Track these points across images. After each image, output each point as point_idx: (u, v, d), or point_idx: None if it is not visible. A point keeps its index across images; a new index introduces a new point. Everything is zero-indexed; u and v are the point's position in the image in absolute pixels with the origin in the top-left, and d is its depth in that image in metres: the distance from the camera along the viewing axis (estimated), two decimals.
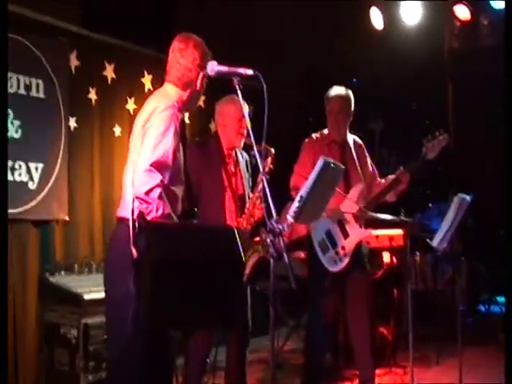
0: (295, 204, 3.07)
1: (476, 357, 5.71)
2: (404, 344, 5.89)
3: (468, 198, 4.47)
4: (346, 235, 4.50)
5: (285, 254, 2.87)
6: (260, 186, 4.05)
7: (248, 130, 4.17)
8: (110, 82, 5.95)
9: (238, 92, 3.08)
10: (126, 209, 2.96)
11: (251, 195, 4.12)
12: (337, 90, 4.67)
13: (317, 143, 4.67)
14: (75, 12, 5.82)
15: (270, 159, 4.10)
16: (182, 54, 3.21)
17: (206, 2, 6.75)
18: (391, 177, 4.56)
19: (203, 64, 3.20)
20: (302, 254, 5.41)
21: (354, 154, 4.71)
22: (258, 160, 3.03)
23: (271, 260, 2.89)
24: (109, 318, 3.08)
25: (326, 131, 4.73)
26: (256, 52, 6.16)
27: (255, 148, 3.18)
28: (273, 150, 4.06)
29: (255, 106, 6.91)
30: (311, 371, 4.56)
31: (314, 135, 4.75)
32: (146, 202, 2.82)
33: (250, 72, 3.07)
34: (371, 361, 4.58)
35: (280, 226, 2.88)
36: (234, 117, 4.19)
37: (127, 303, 2.81)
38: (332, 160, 3.16)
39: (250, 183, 4.32)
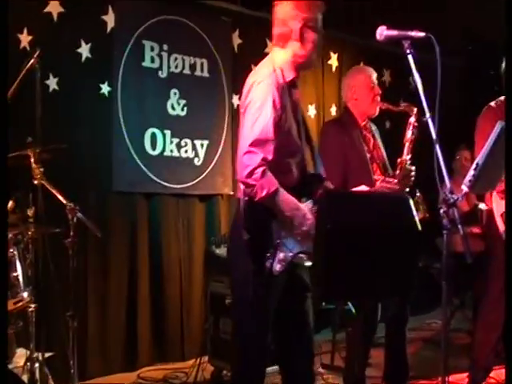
0: (470, 172, 2.90)
1: None
2: None
3: None
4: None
5: (460, 226, 2.72)
6: (407, 149, 3.93)
7: (384, 95, 4.08)
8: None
9: (409, 57, 2.93)
10: (240, 191, 2.91)
11: (398, 160, 3.97)
12: None
13: (499, 111, 4.28)
14: None
15: (413, 118, 3.95)
16: (278, 9, 3.01)
17: None
18: None
19: (303, 15, 2.96)
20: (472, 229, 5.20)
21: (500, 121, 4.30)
22: (430, 125, 2.86)
23: (444, 232, 2.77)
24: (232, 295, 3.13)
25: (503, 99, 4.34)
26: (412, 16, 5.91)
27: (427, 114, 3.04)
28: (415, 108, 3.89)
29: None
30: (482, 353, 4.30)
31: (492, 103, 4.32)
32: (250, 185, 2.75)
33: (421, 34, 2.92)
34: None
35: (454, 196, 2.73)
36: (366, 85, 4.06)
37: (245, 284, 2.82)
38: None
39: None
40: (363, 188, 3.18)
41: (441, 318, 6.20)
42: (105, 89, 4.90)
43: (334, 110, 6.61)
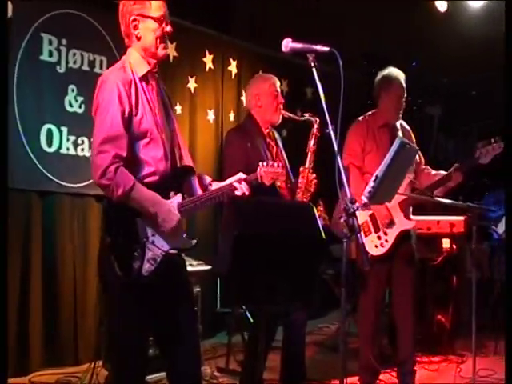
0: (370, 184, 3.02)
1: None
2: (461, 332, 5.85)
3: None
4: (390, 225, 4.40)
5: (359, 235, 2.83)
6: (309, 159, 4.06)
7: (284, 105, 4.19)
8: (171, 60, 5.97)
9: (314, 70, 3.01)
10: None
11: (300, 169, 4.09)
12: (395, 72, 4.53)
13: (365, 127, 4.53)
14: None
15: (315, 127, 4.09)
16: (119, 11, 2.96)
17: None
18: (443, 172, 4.44)
19: (133, 8, 2.91)
20: None
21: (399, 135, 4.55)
22: (332, 137, 2.95)
23: (344, 241, 2.87)
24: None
25: (374, 113, 4.58)
26: (315, 31, 6.08)
27: (330, 126, 3.15)
28: (317, 119, 4.03)
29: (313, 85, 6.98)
30: (366, 357, 4.50)
31: (360, 118, 4.59)
32: (105, 186, 2.70)
33: (325, 49, 3.00)
34: (411, 347, 4.49)
35: (354, 206, 2.84)
36: (270, 93, 4.13)
37: (115, 289, 2.78)
38: (407, 140, 3.11)
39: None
40: (240, 175, 3.14)
41: (332, 323, 6.46)
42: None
43: (232, 116, 6.67)
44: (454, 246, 5.77)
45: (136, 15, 2.91)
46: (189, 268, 3.44)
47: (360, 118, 4.56)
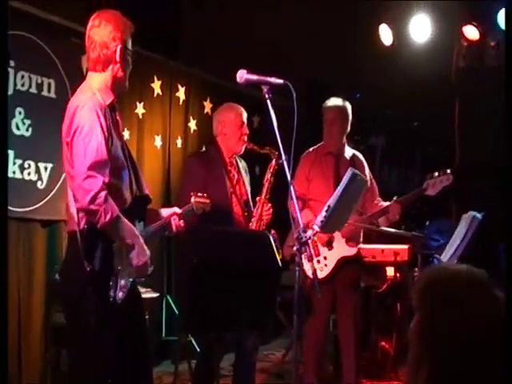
0: (322, 213, 3.09)
1: None
2: (405, 358, 5.94)
3: (479, 215, 4.50)
4: (330, 247, 4.50)
5: (310, 263, 2.89)
6: (266, 189, 4.15)
7: (248, 136, 4.27)
8: None
9: (268, 101, 3.08)
10: (73, 222, 2.84)
11: (257, 199, 4.16)
12: (333, 101, 4.70)
13: (313, 156, 4.69)
14: (84, 13, 5.81)
15: (274, 161, 4.18)
16: (95, 32, 2.97)
17: (209, 9, 6.78)
18: (384, 204, 4.56)
19: (121, 36, 2.97)
20: None
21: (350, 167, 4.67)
22: (286, 167, 3.02)
23: (296, 268, 2.92)
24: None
25: (322, 144, 4.75)
26: (259, 61, 6.19)
27: (283, 157, 3.22)
28: (276, 152, 4.11)
29: (260, 115, 7.07)
30: (308, 380, 4.54)
31: (311, 149, 4.76)
32: (93, 211, 2.70)
33: (279, 81, 3.10)
34: (354, 373, 4.58)
35: (307, 235, 2.90)
36: (235, 123, 4.23)
37: (91, 316, 2.76)
38: (358, 172, 3.19)
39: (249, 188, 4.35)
40: (174, 210, 3.20)
41: (277, 349, 6.47)
42: None
43: (179, 142, 6.67)
44: (398, 274, 5.89)
45: (124, 46, 2.96)
46: None
47: (311, 149, 4.72)
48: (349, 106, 4.69)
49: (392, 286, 5.85)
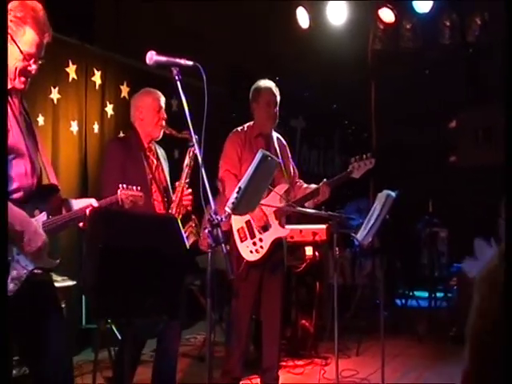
0: (233, 195, 3.10)
1: (394, 348, 5.93)
2: (325, 335, 6.09)
3: (393, 194, 4.62)
4: (265, 229, 4.54)
5: (223, 245, 2.90)
6: (185, 174, 4.10)
7: (166, 121, 4.24)
8: None
9: (178, 83, 3.05)
10: None
11: (176, 184, 4.14)
12: (267, 83, 4.70)
13: (243, 137, 4.68)
14: None
15: (193, 145, 4.14)
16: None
17: None
18: (313, 186, 4.63)
19: (13, 26, 2.77)
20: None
21: (278, 151, 4.74)
22: (197, 150, 3.02)
23: (209, 251, 2.92)
24: None
25: (251, 124, 4.73)
26: (179, 46, 6.14)
27: (194, 139, 3.22)
28: (196, 137, 4.09)
29: (180, 99, 7.03)
30: (232, 363, 4.58)
31: (239, 128, 4.73)
32: None
33: (189, 63, 3.06)
34: (277, 353, 4.66)
35: (218, 217, 2.91)
36: (152, 108, 4.17)
37: None
38: (269, 153, 3.22)
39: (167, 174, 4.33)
40: (91, 201, 3.14)
41: (199, 333, 6.50)
42: None
43: (96, 128, 6.55)
44: (317, 254, 5.99)
45: (8, 31, 2.77)
46: None
47: (239, 129, 4.70)
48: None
49: (311, 265, 5.95)
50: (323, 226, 5.89)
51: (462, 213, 8.43)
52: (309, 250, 5.95)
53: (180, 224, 2.83)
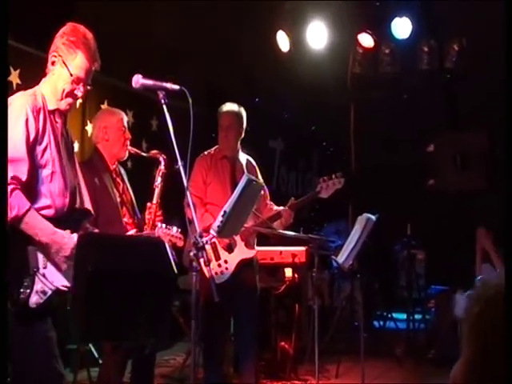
0: (219, 218, 3.13)
1: (374, 370, 5.93)
2: (304, 357, 6.08)
3: (373, 217, 4.67)
4: (230, 250, 4.54)
5: (207, 268, 2.92)
6: (157, 195, 4.09)
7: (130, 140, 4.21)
8: (14, 87, 5.73)
9: (164, 106, 3.08)
10: None
11: (148, 204, 4.11)
12: (228, 106, 4.71)
13: (209, 160, 4.69)
14: None
15: (163, 164, 4.14)
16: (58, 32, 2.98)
17: (104, 10, 6.69)
18: (278, 208, 4.63)
19: (60, 48, 2.93)
20: None
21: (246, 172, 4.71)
22: (182, 173, 3.03)
23: (193, 273, 2.94)
24: None
25: (217, 147, 4.75)
26: (156, 64, 6.16)
27: (179, 162, 3.23)
28: (163, 156, 4.09)
29: (159, 119, 7.03)
30: None
31: (206, 152, 4.75)
32: None
33: (175, 87, 3.10)
34: (253, 375, 4.64)
35: (203, 240, 2.93)
36: (118, 128, 4.12)
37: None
38: (254, 177, 3.25)
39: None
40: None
41: (178, 354, 6.45)
42: None
43: (76, 147, 6.51)
44: (296, 275, 6.01)
45: (58, 54, 2.89)
46: None
47: (206, 152, 4.72)
48: (243, 112, 4.72)
49: (290, 286, 5.96)
50: (303, 248, 5.91)
51: (440, 235, 8.51)
52: (288, 272, 5.97)
53: (167, 248, 2.83)
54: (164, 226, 3.48)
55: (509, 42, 3.72)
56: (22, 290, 2.64)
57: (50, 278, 2.71)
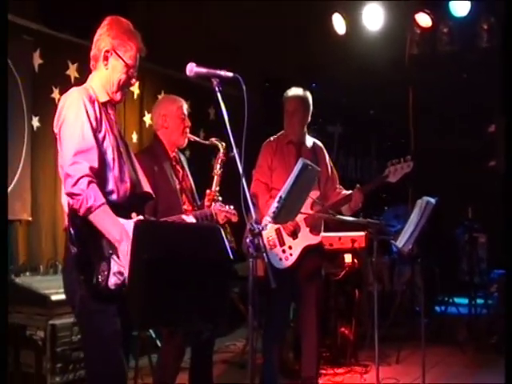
0: (274, 204, 3.12)
1: (435, 356, 5.86)
2: (364, 343, 6.05)
3: (433, 200, 4.58)
4: (294, 236, 4.52)
5: (264, 254, 2.91)
6: (216, 182, 4.13)
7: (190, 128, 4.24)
8: (72, 81, 5.88)
9: (218, 94, 3.07)
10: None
11: (208, 191, 4.14)
12: (294, 91, 4.69)
13: (275, 145, 4.68)
14: (33, 10, 5.72)
15: (222, 152, 4.17)
16: (100, 30, 3.02)
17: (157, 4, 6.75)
18: (346, 192, 4.59)
19: (112, 40, 2.97)
20: None
21: (312, 157, 4.69)
22: (238, 161, 3.03)
23: (250, 260, 2.94)
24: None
25: (283, 133, 4.75)
26: (212, 53, 6.17)
27: (235, 149, 3.23)
28: (223, 144, 4.11)
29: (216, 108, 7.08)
30: (269, 370, 4.59)
31: (271, 138, 4.74)
32: (75, 195, 2.71)
33: (229, 74, 3.08)
34: (316, 361, 4.64)
35: (259, 226, 2.92)
36: (177, 116, 4.14)
37: (81, 303, 2.76)
38: (309, 161, 3.22)
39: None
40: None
41: (239, 340, 6.51)
42: None
43: (135, 137, 6.63)
44: (356, 261, 5.97)
45: (111, 49, 2.95)
46: None
47: (271, 138, 4.72)
48: (309, 96, 4.70)
49: (350, 272, 5.93)
50: (362, 233, 5.87)
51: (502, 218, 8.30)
52: (348, 258, 5.93)
53: (223, 234, 2.84)
54: (219, 203, 3.52)
55: (509, 42, 3.71)
56: (101, 273, 2.69)
57: (123, 260, 2.75)
